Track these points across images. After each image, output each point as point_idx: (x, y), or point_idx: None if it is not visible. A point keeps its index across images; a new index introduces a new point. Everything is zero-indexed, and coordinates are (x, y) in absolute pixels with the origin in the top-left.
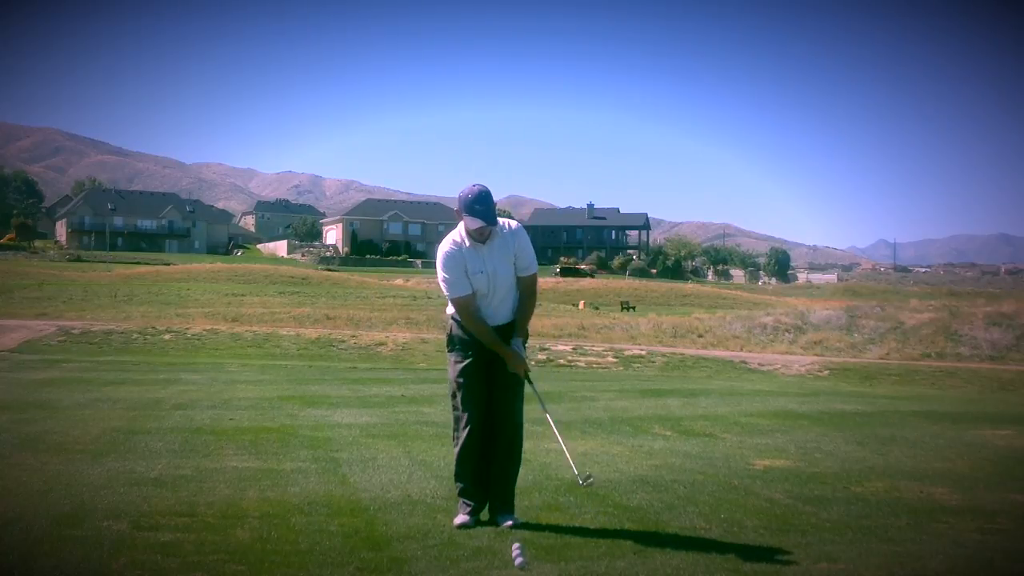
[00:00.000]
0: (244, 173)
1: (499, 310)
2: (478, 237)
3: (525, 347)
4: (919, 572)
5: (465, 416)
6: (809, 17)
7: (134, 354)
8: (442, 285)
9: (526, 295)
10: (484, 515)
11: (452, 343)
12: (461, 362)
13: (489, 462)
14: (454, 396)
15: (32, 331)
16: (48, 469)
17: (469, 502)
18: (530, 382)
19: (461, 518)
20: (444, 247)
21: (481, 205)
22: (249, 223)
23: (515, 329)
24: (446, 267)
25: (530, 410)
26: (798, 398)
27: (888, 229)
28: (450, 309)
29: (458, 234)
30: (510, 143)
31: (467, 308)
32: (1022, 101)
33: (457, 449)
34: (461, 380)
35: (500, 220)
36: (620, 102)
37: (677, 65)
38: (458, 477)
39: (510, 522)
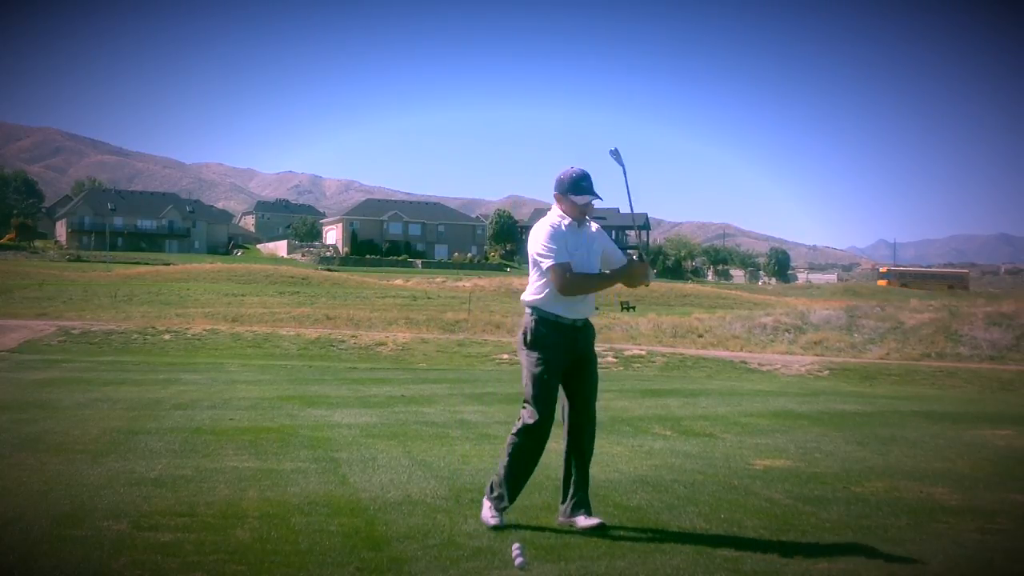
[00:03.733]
0: (244, 173)
1: (583, 301)
2: (581, 215)
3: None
4: (919, 572)
5: (540, 417)
6: (809, 17)
7: (134, 354)
8: (542, 255)
9: None
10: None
11: (535, 341)
12: (543, 360)
13: (570, 463)
14: (530, 398)
15: (32, 331)
16: (48, 469)
17: (506, 506)
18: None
19: (495, 520)
20: (544, 226)
21: (587, 182)
22: (249, 223)
23: (579, 342)
24: (551, 238)
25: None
26: (798, 398)
27: (888, 229)
28: (529, 297)
29: (555, 216)
30: (510, 143)
31: (569, 272)
32: (1022, 101)
33: (520, 453)
34: (547, 377)
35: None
36: (620, 102)
37: (677, 65)
38: (514, 477)
39: (596, 521)
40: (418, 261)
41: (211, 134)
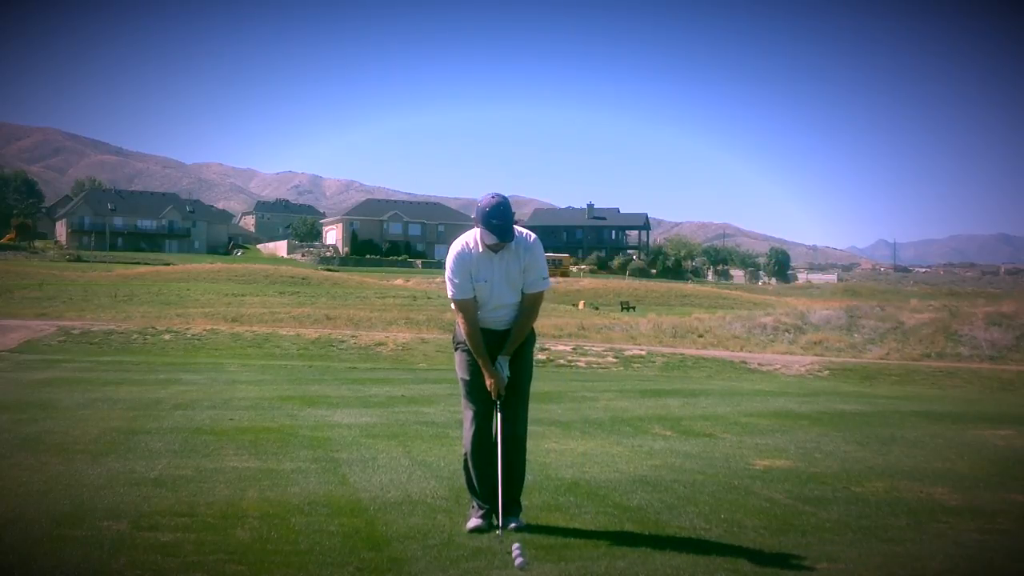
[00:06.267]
0: (244, 173)
1: (502, 318)
2: (493, 250)
3: (508, 365)
4: (919, 572)
5: (471, 412)
6: (809, 17)
7: (134, 354)
8: (447, 284)
9: (525, 311)
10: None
11: (458, 343)
12: (468, 359)
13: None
14: (463, 394)
15: (32, 331)
16: (48, 469)
17: (483, 504)
18: (498, 398)
19: (474, 522)
20: (455, 248)
21: (499, 220)
22: (249, 223)
23: (503, 345)
24: (453, 269)
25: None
26: (798, 398)
27: (888, 229)
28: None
29: (472, 238)
30: (510, 143)
31: (465, 311)
32: (1022, 101)
33: (467, 448)
34: (467, 377)
35: (519, 230)
36: (620, 102)
37: (677, 65)
38: (468, 478)
39: (514, 524)
40: (418, 261)
41: (211, 134)
